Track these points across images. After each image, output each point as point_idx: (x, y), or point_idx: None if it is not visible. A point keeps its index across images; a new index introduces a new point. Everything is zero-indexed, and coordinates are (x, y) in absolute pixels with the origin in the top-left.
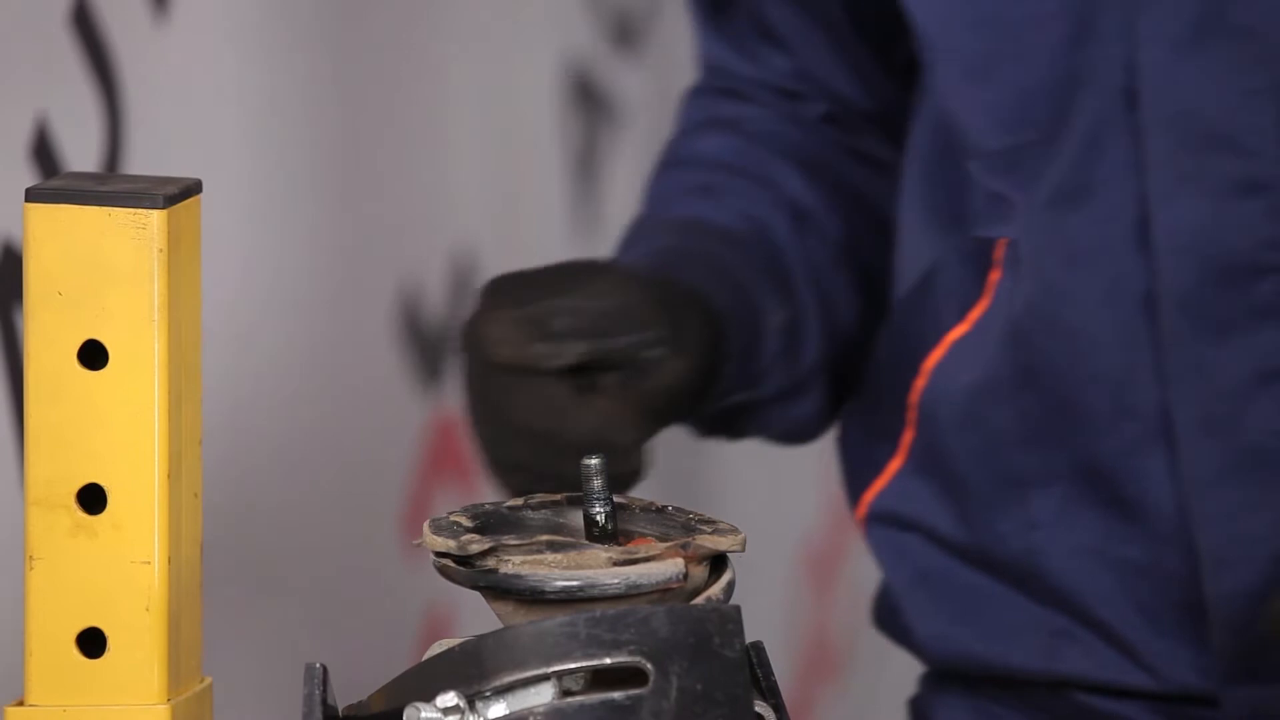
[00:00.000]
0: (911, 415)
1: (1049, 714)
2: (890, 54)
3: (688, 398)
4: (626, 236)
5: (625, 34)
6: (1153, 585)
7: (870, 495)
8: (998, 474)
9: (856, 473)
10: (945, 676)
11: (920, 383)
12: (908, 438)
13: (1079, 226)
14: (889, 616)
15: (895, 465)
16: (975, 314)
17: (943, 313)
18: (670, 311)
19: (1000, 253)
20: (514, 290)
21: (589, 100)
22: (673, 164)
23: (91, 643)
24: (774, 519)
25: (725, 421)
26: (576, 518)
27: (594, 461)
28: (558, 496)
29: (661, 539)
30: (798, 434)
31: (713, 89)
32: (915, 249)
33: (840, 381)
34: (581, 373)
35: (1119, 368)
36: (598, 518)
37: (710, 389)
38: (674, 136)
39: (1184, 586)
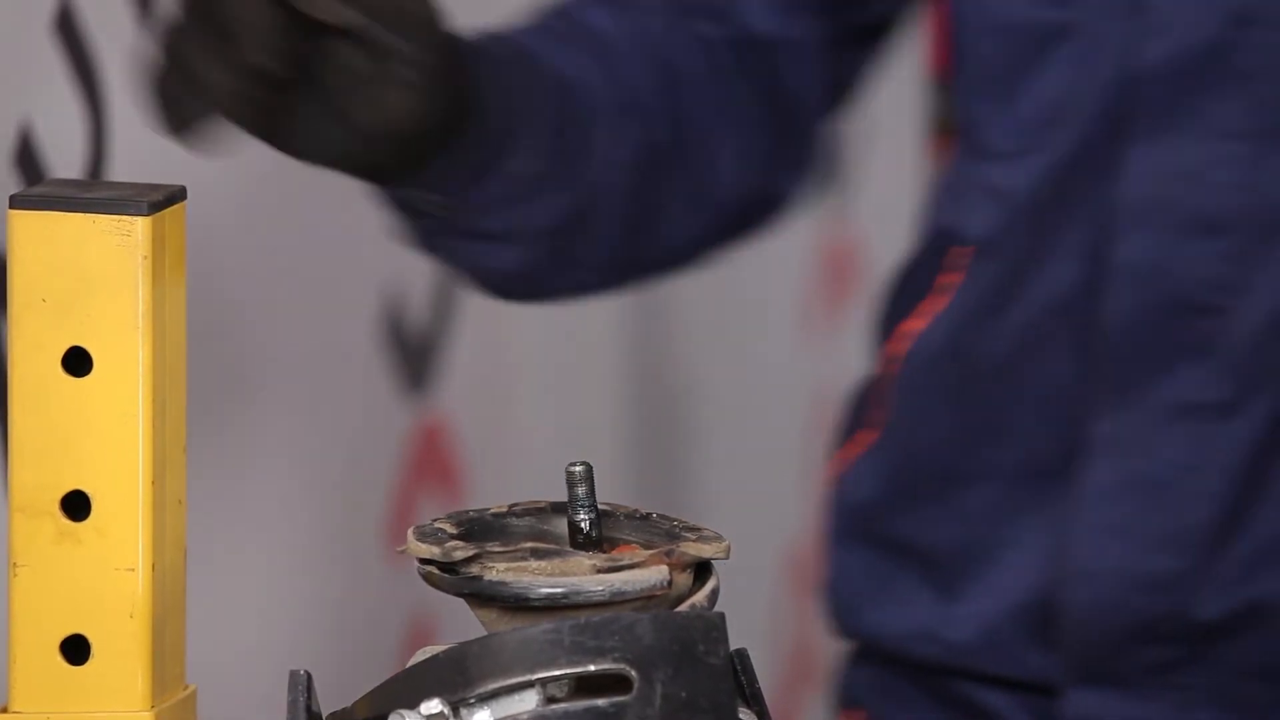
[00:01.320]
0: (880, 395)
1: (930, 695)
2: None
3: (388, 142)
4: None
5: None
6: (1038, 586)
7: (844, 457)
8: (938, 468)
9: (841, 429)
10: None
11: (885, 371)
12: (878, 415)
13: (1042, 242)
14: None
15: (867, 437)
16: (927, 309)
17: (906, 299)
18: (444, 68)
19: (962, 259)
20: None
21: None
22: (550, 10)
23: (75, 649)
24: (758, 526)
25: (424, 227)
26: (561, 525)
27: (579, 468)
28: (542, 503)
29: (646, 546)
30: (490, 281)
31: None
32: (927, 213)
33: (564, 270)
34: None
35: (1052, 384)
36: (582, 524)
37: (418, 164)
38: None
39: (1056, 590)
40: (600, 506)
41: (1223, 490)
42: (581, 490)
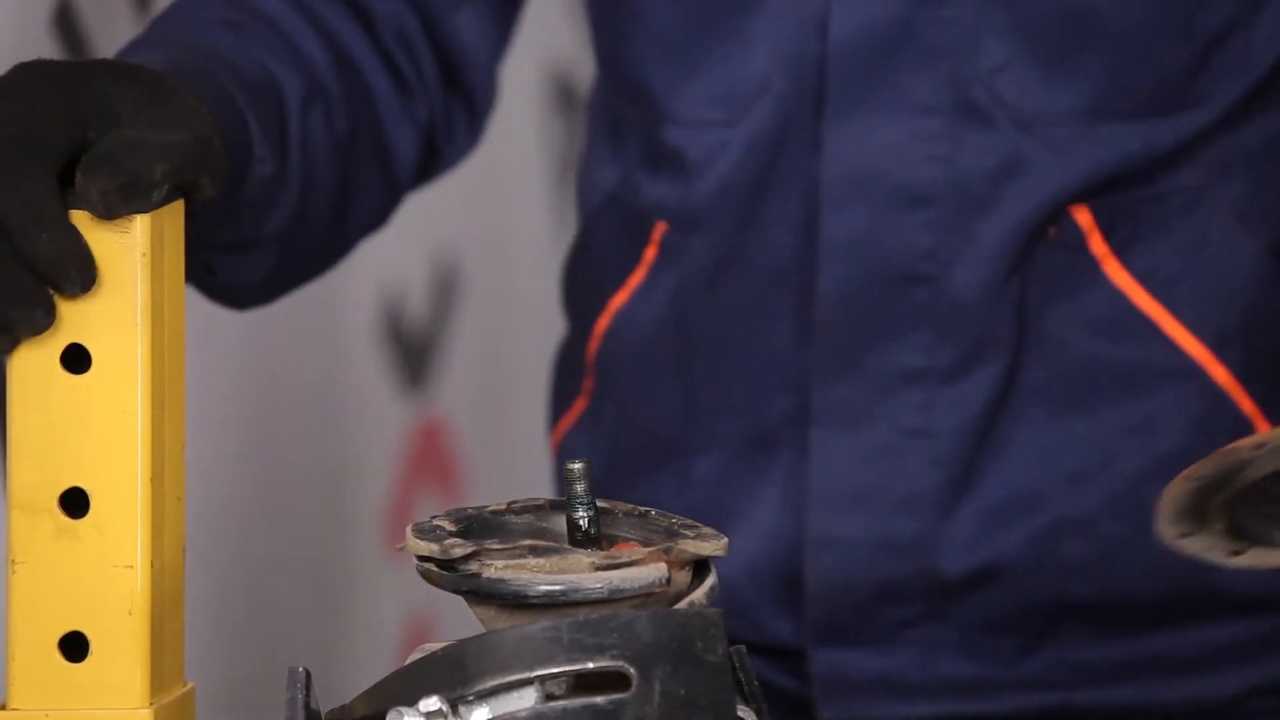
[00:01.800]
0: (590, 367)
1: None
2: None
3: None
4: (139, 40)
5: None
6: (772, 553)
7: (562, 427)
8: (660, 438)
9: (556, 399)
10: None
11: (594, 345)
12: (588, 385)
13: (754, 215)
14: None
15: (580, 406)
16: (633, 283)
17: (605, 273)
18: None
19: (659, 234)
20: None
21: (570, 104)
22: None
23: (74, 647)
24: None
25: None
26: (560, 522)
27: (578, 465)
28: (541, 501)
29: (645, 544)
30: (232, 295)
31: None
32: (595, 183)
33: (288, 261)
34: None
35: (774, 354)
36: (580, 522)
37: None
38: None
39: (794, 556)
40: (599, 504)
41: (954, 453)
42: (580, 487)
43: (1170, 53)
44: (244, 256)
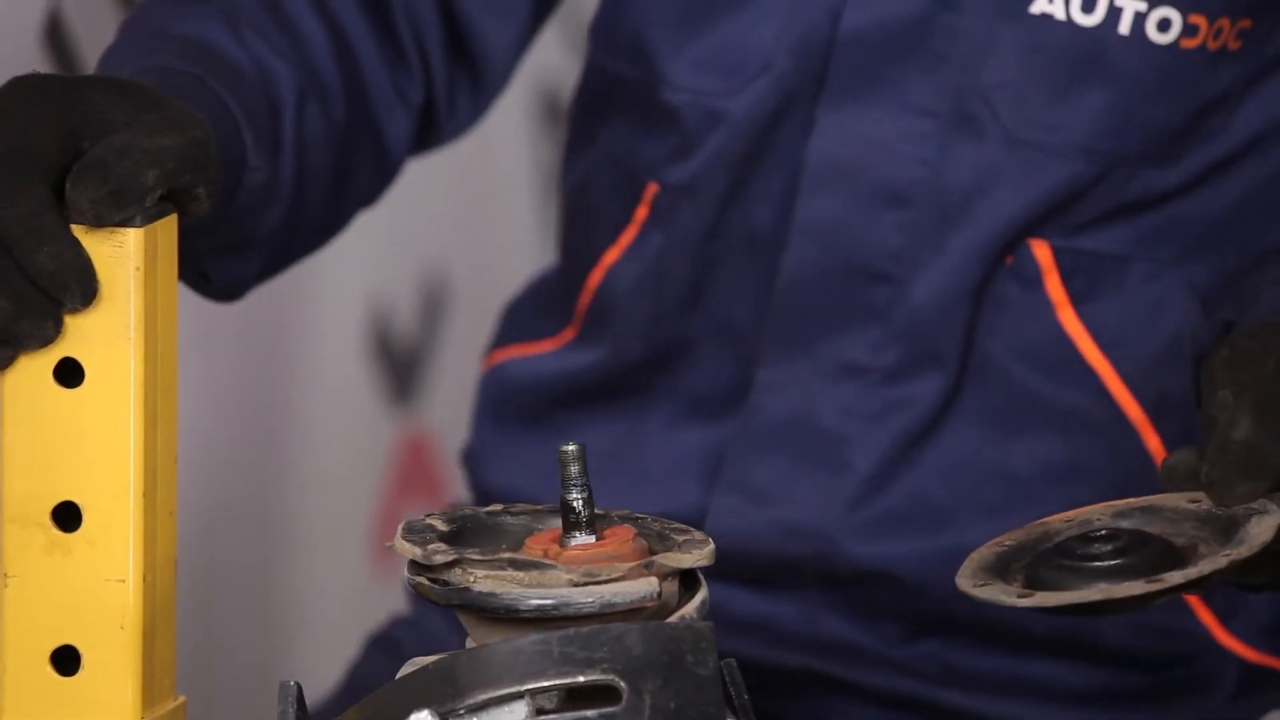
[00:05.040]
0: (579, 315)
1: None
2: None
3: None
4: (121, 40)
5: None
6: (683, 502)
7: (507, 354)
8: (623, 378)
9: (528, 327)
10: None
11: (585, 298)
12: (571, 332)
13: (740, 188)
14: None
15: (561, 340)
16: (625, 240)
17: (599, 227)
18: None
19: (650, 194)
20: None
21: (558, 117)
22: None
23: (65, 660)
24: None
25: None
26: (555, 524)
27: (571, 448)
28: (540, 506)
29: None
30: (228, 293)
31: None
32: (580, 158)
33: (283, 252)
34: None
35: (735, 324)
36: (574, 504)
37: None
38: None
39: (699, 513)
40: (596, 512)
41: (873, 455)
42: (574, 470)
43: (1170, 107)
44: (239, 257)
